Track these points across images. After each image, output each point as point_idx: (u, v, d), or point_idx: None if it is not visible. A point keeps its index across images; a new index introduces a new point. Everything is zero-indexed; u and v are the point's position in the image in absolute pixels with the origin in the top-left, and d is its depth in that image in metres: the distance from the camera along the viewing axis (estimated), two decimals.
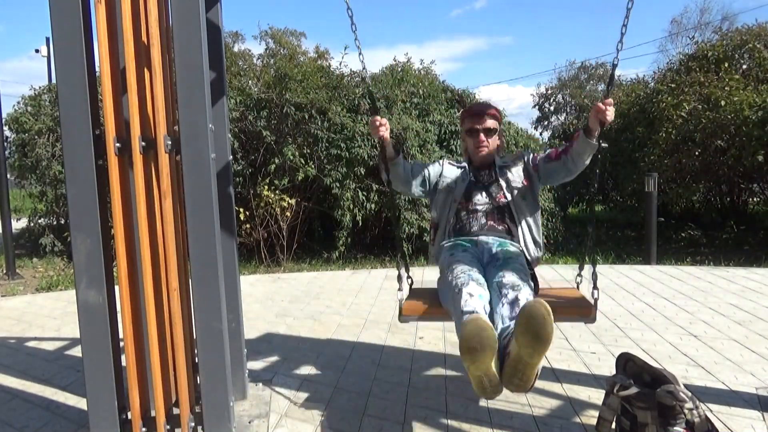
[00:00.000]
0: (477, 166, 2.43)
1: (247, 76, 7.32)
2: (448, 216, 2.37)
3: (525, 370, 1.60)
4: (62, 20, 1.75)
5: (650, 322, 3.53)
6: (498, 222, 2.32)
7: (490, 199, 2.34)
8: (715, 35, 9.12)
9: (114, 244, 1.86)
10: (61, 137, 1.82)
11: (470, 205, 2.34)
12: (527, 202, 2.36)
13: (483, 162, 2.42)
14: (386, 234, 6.70)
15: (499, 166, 2.40)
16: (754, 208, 8.73)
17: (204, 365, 1.92)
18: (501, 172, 2.39)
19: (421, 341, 3.24)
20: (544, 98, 19.58)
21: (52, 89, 7.77)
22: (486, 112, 2.40)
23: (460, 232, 2.33)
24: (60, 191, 6.97)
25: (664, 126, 7.06)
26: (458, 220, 2.35)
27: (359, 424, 2.21)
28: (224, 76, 2.37)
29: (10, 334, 3.63)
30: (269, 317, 3.90)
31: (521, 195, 2.35)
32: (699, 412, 1.69)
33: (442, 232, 2.38)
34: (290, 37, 9.24)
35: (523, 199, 2.35)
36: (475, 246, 2.25)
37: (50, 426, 2.28)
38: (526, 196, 2.36)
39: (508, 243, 2.26)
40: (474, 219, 2.33)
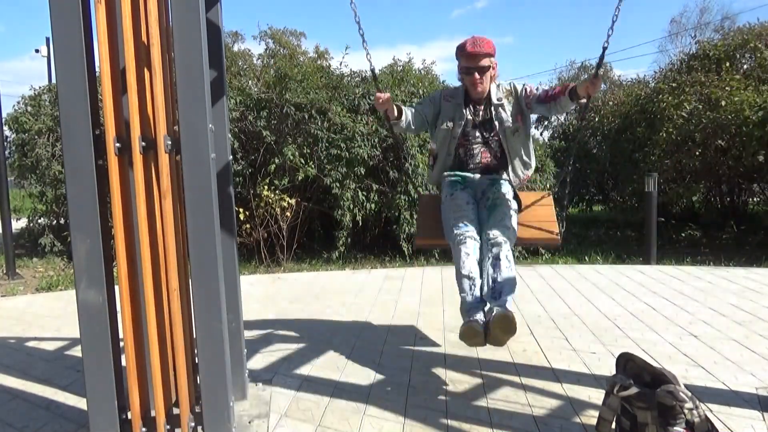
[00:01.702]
0: (474, 102, 2.67)
1: (247, 76, 7.33)
2: (448, 149, 2.69)
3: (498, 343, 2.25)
4: (62, 20, 1.75)
5: (650, 322, 3.53)
6: (492, 157, 2.68)
7: (485, 137, 2.65)
8: (716, 34, 9.12)
9: (114, 244, 1.86)
10: (61, 137, 1.82)
11: (467, 142, 2.66)
12: (518, 135, 2.66)
13: (479, 97, 2.65)
14: (386, 234, 6.70)
15: (494, 104, 2.64)
16: (754, 208, 8.73)
17: (204, 365, 1.92)
18: (495, 111, 2.63)
19: (421, 341, 3.24)
20: None
21: (52, 89, 7.77)
22: (480, 52, 2.56)
23: (458, 167, 2.70)
24: (60, 191, 6.97)
25: (664, 126, 7.06)
26: (456, 155, 2.70)
27: (359, 424, 2.21)
28: (224, 76, 2.37)
29: (10, 334, 3.63)
30: (269, 317, 3.90)
31: (512, 131, 2.63)
32: (699, 412, 1.69)
33: (441, 163, 2.75)
34: (290, 37, 9.25)
35: (514, 134, 2.64)
36: (471, 184, 2.67)
37: (50, 426, 2.28)
38: (518, 131, 2.65)
39: (499, 182, 2.65)
40: (470, 155, 2.67)
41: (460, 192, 2.62)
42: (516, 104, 2.66)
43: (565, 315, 3.73)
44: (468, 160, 2.71)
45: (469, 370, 2.77)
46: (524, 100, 2.64)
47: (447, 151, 2.71)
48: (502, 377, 2.66)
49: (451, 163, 2.73)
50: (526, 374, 2.69)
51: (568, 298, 4.22)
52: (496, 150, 2.69)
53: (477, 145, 2.67)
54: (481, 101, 2.67)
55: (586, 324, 3.51)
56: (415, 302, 4.20)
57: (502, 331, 2.17)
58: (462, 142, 2.68)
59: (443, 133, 2.69)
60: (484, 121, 2.67)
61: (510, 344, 3.14)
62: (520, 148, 2.70)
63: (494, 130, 2.66)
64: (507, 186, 2.67)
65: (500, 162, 2.71)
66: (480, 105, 2.68)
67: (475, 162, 2.70)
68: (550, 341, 3.18)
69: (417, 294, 4.48)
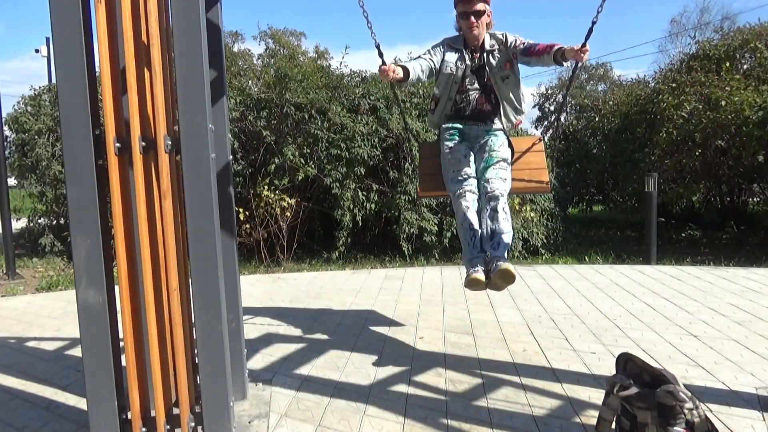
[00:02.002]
0: (471, 49, 2.87)
1: (247, 76, 7.33)
2: (449, 94, 2.89)
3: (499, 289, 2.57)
4: (62, 20, 1.75)
5: (650, 322, 3.53)
6: (486, 102, 2.88)
7: (480, 83, 2.86)
8: (716, 34, 9.12)
9: (114, 244, 1.86)
10: (61, 137, 1.82)
11: (464, 87, 2.87)
12: (509, 81, 2.85)
13: (475, 44, 2.85)
14: (386, 234, 6.70)
15: (487, 51, 2.84)
16: (754, 208, 8.73)
17: (204, 365, 1.92)
18: (488, 57, 2.83)
19: (421, 341, 3.24)
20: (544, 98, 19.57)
21: (52, 89, 7.77)
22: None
23: (456, 113, 2.91)
24: (60, 191, 6.97)
25: (664, 126, 7.06)
26: (455, 102, 2.90)
27: (359, 424, 2.21)
28: (224, 76, 2.37)
29: (10, 334, 3.63)
30: (269, 317, 3.89)
31: (503, 77, 2.83)
32: (699, 412, 1.69)
33: (442, 107, 2.95)
34: (290, 37, 9.25)
35: (504, 80, 2.83)
36: (468, 136, 2.90)
37: (50, 426, 2.28)
38: (508, 77, 2.84)
39: (494, 132, 2.87)
40: (467, 100, 2.88)
41: (458, 145, 2.86)
42: (505, 52, 2.83)
43: (565, 315, 3.74)
44: (465, 106, 2.89)
45: (469, 370, 2.77)
46: (512, 50, 2.82)
47: (448, 96, 2.89)
48: (502, 377, 2.66)
49: (450, 108, 2.92)
50: (526, 374, 2.69)
51: (568, 298, 4.22)
52: (491, 96, 2.88)
53: (473, 91, 2.86)
54: (476, 48, 2.86)
55: (586, 324, 3.51)
56: (415, 302, 4.20)
57: (502, 281, 2.46)
58: (460, 88, 2.87)
59: (445, 78, 2.86)
60: (478, 67, 2.85)
61: (510, 344, 3.14)
62: (509, 94, 2.87)
63: (487, 76, 2.84)
64: (502, 137, 2.88)
65: (494, 108, 2.89)
66: (476, 52, 2.86)
67: (471, 107, 2.88)
68: (550, 341, 3.18)
69: (417, 294, 4.48)
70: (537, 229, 6.72)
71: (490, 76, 2.84)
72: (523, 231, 6.62)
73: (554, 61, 2.59)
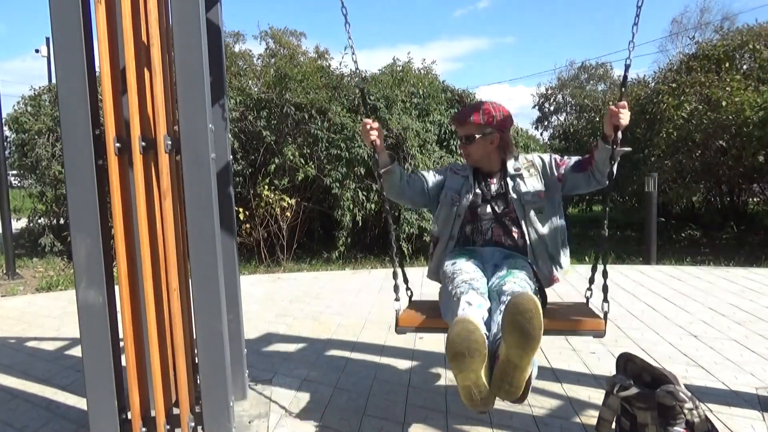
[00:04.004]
0: (485, 174, 2.22)
1: (247, 76, 7.32)
2: (451, 231, 2.19)
3: (514, 374, 1.49)
4: (62, 20, 1.75)
5: (650, 322, 3.53)
6: (505, 236, 2.12)
7: (497, 213, 2.14)
8: (715, 35, 9.12)
9: (114, 244, 1.86)
10: (61, 137, 1.82)
11: (475, 219, 2.16)
12: (543, 216, 2.12)
13: (491, 169, 2.21)
14: (386, 234, 6.67)
15: (511, 176, 2.17)
16: (754, 208, 8.73)
17: (204, 365, 1.92)
18: (513, 183, 2.15)
19: (421, 341, 3.24)
20: (544, 98, 19.58)
21: (52, 89, 7.77)
22: (465, 119, 2.18)
23: (464, 245, 2.18)
24: (60, 191, 6.97)
25: (664, 126, 7.06)
26: (461, 234, 2.18)
27: (359, 424, 2.21)
28: (224, 76, 2.37)
29: (10, 334, 3.63)
30: (269, 317, 3.89)
31: (537, 209, 2.12)
32: (699, 412, 1.69)
33: (443, 246, 2.21)
34: (290, 37, 9.23)
35: (537, 214, 2.12)
36: (480, 257, 2.09)
37: (50, 426, 2.28)
38: (544, 210, 2.12)
39: (517, 257, 2.06)
40: (478, 231, 2.16)
41: (466, 261, 2.01)
42: (540, 177, 2.17)
43: None
44: (476, 237, 2.16)
45: None
46: (554, 170, 2.15)
47: (450, 234, 2.19)
48: None
49: (455, 244, 2.19)
50: None
51: (567, 298, 4.22)
52: (513, 233, 2.13)
53: (487, 220, 2.15)
54: (493, 174, 2.21)
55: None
56: None
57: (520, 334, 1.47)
58: (469, 220, 2.17)
59: (447, 210, 2.20)
60: (497, 195, 2.17)
61: None
62: (545, 235, 2.12)
63: (510, 205, 2.13)
64: (526, 263, 2.05)
65: (517, 247, 2.12)
66: (492, 178, 2.20)
67: (484, 239, 2.15)
68: (550, 341, 3.18)
69: (417, 294, 4.48)
70: None
71: (516, 205, 2.12)
72: None
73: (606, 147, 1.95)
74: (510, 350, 1.48)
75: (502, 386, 1.52)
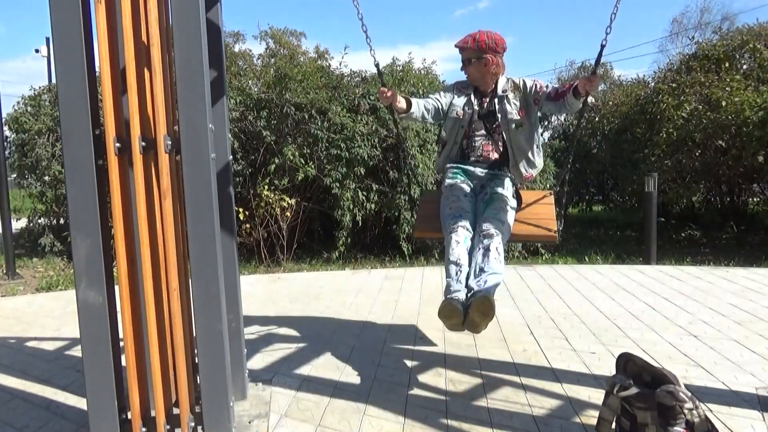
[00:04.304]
0: (480, 93, 2.76)
1: (247, 76, 7.32)
2: (455, 138, 2.79)
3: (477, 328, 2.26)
4: (62, 20, 1.75)
5: (650, 322, 3.53)
6: (493, 150, 2.75)
7: (487, 129, 2.73)
8: (715, 35, 9.12)
9: (114, 244, 1.86)
10: (61, 137, 1.82)
11: (471, 133, 2.76)
12: (522, 130, 2.68)
13: (485, 89, 2.74)
14: (386, 234, 6.70)
15: (499, 96, 2.70)
16: (754, 208, 8.73)
17: (204, 365, 1.92)
18: (500, 102, 2.69)
19: (421, 341, 3.24)
20: None
21: (52, 89, 7.77)
22: (464, 44, 2.69)
23: (461, 158, 2.81)
24: (60, 191, 6.97)
25: (664, 126, 7.06)
26: (460, 146, 2.80)
27: (359, 424, 2.21)
28: (224, 76, 2.37)
29: (10, 334, 3.63)
30: (269, 317, 3.90)
31: (516, 125, 2.67)
32: (699, 412, 1.69)
33: (448, 151, 2.84)
34: (290, 37, 9.24)
35: (518, 128, 2.67)
36: (471, 177, 2.76)
37: (50, 426, 2.28)
38: (522, 126, 2.67)
39: (501, 177, 2.71)
40: (472, 146, 2.77)
41: (460, 184, 2.71)
42: (522, 99, 2.68)
43: (565, 315, 3.74)
44: (470, 152, 2.78)
45: (469, 370, 2.77)
46: (533, 96, 2.67)
47: (454, 140, 2.80)
48: (502, 377, 2.66)
49: (456, 153, 2.81)
50: (526, 374, 2.69)
51: (568, 298, 4.22)
52: (499, 144, 2.74)
53: (480, 137, 2.75)
54: (487, 93, 2.74)
55: (586, 324, 3.51)
56: (415, 302, 4.20)
57: (480, 315, 2.17)
58: (467, 133, 2.77)
59: (451, 122, 2.78)
60: (488, 112, 2.72)
61: (510, 344, 3.14)
62: (523, 145, 2.71)
63: (497, 122, 2.70)
64: (508, 182, 2.71)
65: (502, 157, 2.75)
66: (486, 97, 2.74)
67: (476, 154, 2.77)
68: (550, 341, 3.18)
69: (417, 294, 4.48)
70: None
71: (501, 122, 2.70)
72: None
73: (575, 99, 2.47)
74: (474, 316, 2.20)
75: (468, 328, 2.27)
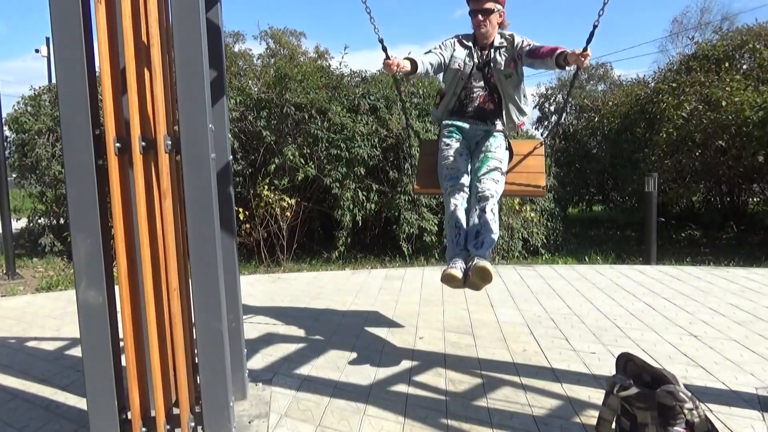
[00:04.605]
0: (480, 46, 2.89)
1: (247, 76, 7.32)
2: (454, 89, 2.90)
3: (477, 287, 2.56)
4: (62, 20, 1.75)
5: (650, 322, 3.53)
6: (489, 101, 2.89)
7: (484, 80, 2.87)
8: (715, 35, 9.13)
9: (114, 244, 1.86)
10: (61, 137, 1.82)
11: (469, 84, 2.88)
12: (511, 80, 2.85)
13: (485, 42, 2.87)
14: (386, 234, 6.70)
15: (495, 48, 2.85)
16: (754, 208, 8.73)
17: (204, 365, 1.92)
18: (494, 55, 2.85)
19: (421, 341, 3.24)
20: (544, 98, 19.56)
21: (52, 89, 7.77)
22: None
23: (459, 110, 2.93)
24: (60, 191, 6.97)
25: (664, 126, 7.06)
26: (458, 97, 2.91)
27: (359, 424, 2.21)
28: (224, 76, 2.37)
29: (10, 334, 3.63)
30: (269, 317, 3.89)
31: (506, 75, 2.84)
32: (699, 412, 1.69)
33: (446, 102, 2.96)
34: (290, 37, 9.24)
35: (507, 78, 2.84)
36: (466, 135, 2.91)
37: (50, 426, 2.28)
38: (511, 75, 2.84)
39: (493, 134, 2.89)
40: (470, 98, 2.90)
41: (456, 143, 2.86)
42: (511, 51, 2.84)
43: (565, 315, 3.74)
44: (468, 103, 2.90)
45: (469, 370, 2.77)
46: (517, 51, 2.82)
47: (453, 92, 2.90)
48: (502, 377, 2.66)
49: (454, 104, 2.92)
50: (526, 374, 2.69)
51: (568, 298, 4.22)
52: (494, 95, 2.89)
53: (477, 88, 2.88)
54: (486, 46, 2.88)
55: (586, 324, 3.51)
56: (415, 302, 4.20)
57: (480, 279, 2.46)
58: (466, 85, 2.88)
59: (452, 73, 2.87)
60: (484, 64, 2.87)
61: (510, 344, 3.14)
62: (513, 94, 2.88)
63: (491, 73, 2.85)
64: (501, 139, 2.89)
65: (496, 107, 2.90)
66: (485, 50, 2.88)
67: (474, 105, 2.89)
68: (550, 341, 3.18)
69: (417, 294, 4.48)
70: (537, 229, 6.73)
71: (493, 72, 2.85)
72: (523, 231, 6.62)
73: (556, 65, 2.58)
74: (474, 279, 2.48)
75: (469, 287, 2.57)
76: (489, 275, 2.43)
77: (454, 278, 2.49)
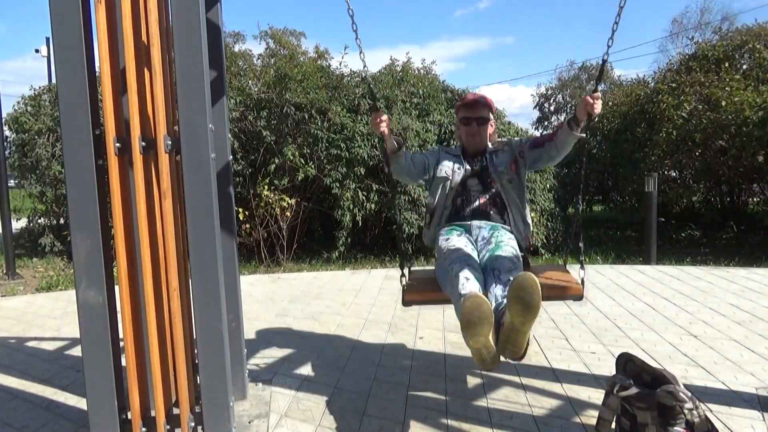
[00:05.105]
0: (471, 154, 2.63)
1: (247, 76, 7.32)
2: (445, 202, 2.56)
3: (517, 338, 1.79)
4: (62, 20, 1.75)
5: (650, 322, 3.53)
6: (490, 204, 2.52)
7: (482, 185, 2.55)
8: (715, 35, 9.13)
9: (114, 244, 1.86)
10: (61, 137, 1.82)
11: (465, 191, 2.54)
12: (514, 185, 2.55)
13: (476, 150, 2.62)
14: (386, 234, 6.70)
15: (490, 152, 2.60)
16: (754, 208, 8.73)
17: (204, 365, 1.92)
18: (491, 160, 2.58)
19: (421, 341, 3.24)
20: (544, 98, 19.60)
21: (52, 89, 7.77)
22: (479, 102, 2.61)
23: (455, 216, 2.53)
24: (60, 191, 6.97)
25: (664, 126, 7.06)
26: (453, 205, 2.55)
27: (359, 424, 2.21)
28: (224, 76, 2.37)
29: (10, 334, 3.63)
30: (269, 317, 3.90)
31: (509, 180, 2.54)
32: (699, 412, 1.69)
33: (438, 216, 2.57)
34: (290, 37, 9.25)
35: (510, 183, 2.54)
36: (469, 230, 2.45)
37: (50, 426, 2.28)
38: (513, 181, 2.54)
39: (500, 227, 2.45)
40: (468, 201, 2.54)
41: (457, 237, 2.36)
42: (510, 152, 2.58)
43: (565, 315, 3.74)
44: (466, 206, 2.52)
45: (469, 370, 2.77)
46: (517, 149, 2.57)
47: (444, 204, 2.55)
48: (502, 377, 2.66)
49: (448, 214, 2.54)
50: (526, 374, 2.69)
51: None
52: (496, 199, 2.53)
53: (475, 192, 2.54)
54: (478, 153, 2.62)
55: (586, 324, 3.51)
56: None
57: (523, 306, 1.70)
58: (460, 192, 2.54)
59: (441, 182, 2.56)
60: (481, 169, 2.57)
61: None
62: (517, 201, 2.54)
63: (491, 177, 2.54)
64: (511, 235, 2.43)
65: (500, 212, 2.52)
66: (477, 157, 2.61)
67: (472, 206, 2.51)
68: (550, 341, 3.18)
69: None
70: (537, 229, 6.72)
71: (494, 176, 2.52)
72: None
73: (570, 131, 2.25)
74: (514, 318, 1.75)
75: (507, 347, 1.81)
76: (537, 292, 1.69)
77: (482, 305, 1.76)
